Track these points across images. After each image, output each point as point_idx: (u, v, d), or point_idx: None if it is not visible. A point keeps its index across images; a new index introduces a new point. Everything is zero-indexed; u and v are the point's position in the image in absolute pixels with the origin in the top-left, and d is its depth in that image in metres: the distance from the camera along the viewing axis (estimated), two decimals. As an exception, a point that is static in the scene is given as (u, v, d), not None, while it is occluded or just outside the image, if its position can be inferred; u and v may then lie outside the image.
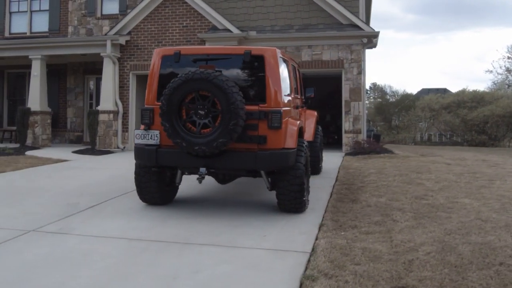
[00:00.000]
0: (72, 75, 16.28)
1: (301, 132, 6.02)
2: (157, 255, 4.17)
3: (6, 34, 17.08)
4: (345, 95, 12.90)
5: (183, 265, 3.92)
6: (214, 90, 4.87)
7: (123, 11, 15.32)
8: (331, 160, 10.86)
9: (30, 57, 14.19)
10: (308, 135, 8.22)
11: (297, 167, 5.40)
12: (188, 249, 4.36)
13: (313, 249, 4.31)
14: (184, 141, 5.03)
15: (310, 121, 8.35)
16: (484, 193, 6.62)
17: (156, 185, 5.77)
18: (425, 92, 50.86)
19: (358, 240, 4.53)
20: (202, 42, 13.37)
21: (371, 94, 55.17)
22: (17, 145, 13.73)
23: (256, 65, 5.27)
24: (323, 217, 5.45)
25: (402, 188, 7.13)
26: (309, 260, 4.01)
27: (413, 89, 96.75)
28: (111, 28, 14.21)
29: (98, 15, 15.88)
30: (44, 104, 14.37)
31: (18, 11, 17.21)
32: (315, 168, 8.52)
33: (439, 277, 3.58)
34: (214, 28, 13.31)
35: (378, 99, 50.32)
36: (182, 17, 13.53)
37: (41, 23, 16.95)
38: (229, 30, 13.04)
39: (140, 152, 5.47)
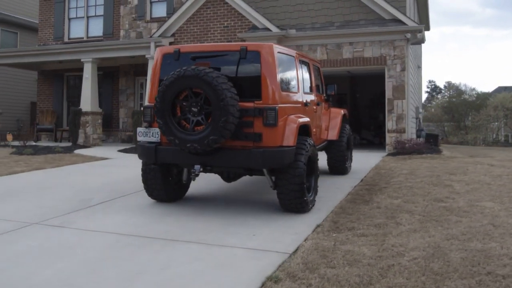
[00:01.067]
0: (124, 77, 16.95)
1: (306, 130, 5.83)
2: (137, 250, 4.21)
3: (65, 39, 18.12)
4: (388, 93, 12.39)
5: (155, 261, 3.92)
6: (204, 87, 4.84)
7: (171, 14, 15.70)
8: (367, 160, 10.49)
9: (82, 60, 14.97)
10: (332, 134, 7.98)
11: (297, 166, 5.24)
12: (171, 245, 4.36)
13: (295, 250, 4.15)
14: (177, 138, 5.04)
15: (334, 119, 8.09)
16: (514, 196, 6.07)
17: (161, 182, 5.83)
18: (501, 90, 47.78)
19: (347, 243, 4.30)
20: (243, 41, 13.39)
21: (446, 93, 52.63)
22: (70, 144, 14.51)
23: (252, 62, 5.18)
24: (325, 218, 5.24)
25: (425, 189, 6.71)
26: (284, 261, 3.87)
27: (489, 87, 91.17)
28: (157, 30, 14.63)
29: (148, 18, 16.41)
30: (95, 105, 15.08)
31: (76, 17, 18.20)
32: (341, 168, 8.24)
33: (411, 284, 3.32)
34: (254, 28, 13.31)
35: (453, 99, 47.82)
36: (223, 17, 13.65)
37: (96, 28, 17.81)
38: (268, 29, 12.98)
39: (142, 149, 5.56)
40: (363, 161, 10.53)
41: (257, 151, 5.03)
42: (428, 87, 60.80)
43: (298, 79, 5.97)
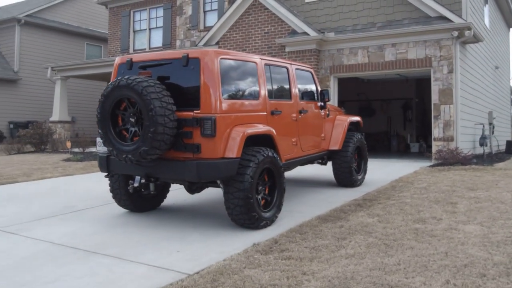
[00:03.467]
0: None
1: (268, 140, 5.44)
2: (47, 262, 4.18)
3: (130, 51, 19.10)
4: (434, 97, 11.30)
5: (51, 274, 3.85)
6: (135, 97, 4.70)
7: (221, 22, 15.85)
8: (399, 171, 9.65)
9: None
10: (335, 143, 7.42)
11: (241, 179, 4.90)
12: (86, 258, 4.27)
13: (198, 271, 3.85)
14: (115, 149, 4.96)
15: (338, 128, 7.50)
16: (514, 219, 5.13)
17: (124, 192, 5.80)
18: None
19: (259, 266, 3.90)
20: (282, 47, 13.09)
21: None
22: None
23: (192, 69, 4.94)
24: (272, 237, 4.81)
25: (419, 207, 5.95)
26: (172, 283, 3.59)
27: None
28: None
29: (201, 27, 16.72)
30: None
31: (140, 30, 19.13)
32: (347, 180, 7.63)
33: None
34: (293, 32, 12.93)
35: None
36: (264, 23, 13.45)
37: (157, 39, 18.56)
38: (306, 33, 12.53)
39: (98, 159, 5.57)
40: (393, 171, 9.70)
41: (191, 162, 4.78)
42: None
43: (260, 86, 5.59)
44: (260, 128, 5.35)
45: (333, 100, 12.76)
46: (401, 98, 17.85)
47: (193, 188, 5.62)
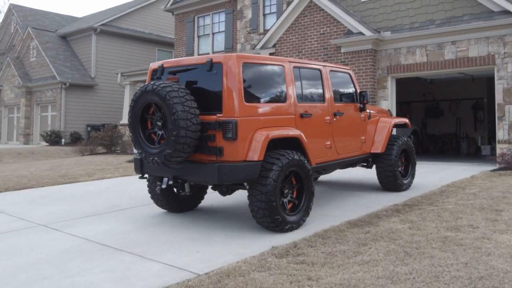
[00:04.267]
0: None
1: (297, 143, 5.43)
2: (76, 258, 4.46)
3: (195, 56, 19.70)
4: (498, 97, 10.58)
5: (72, 269, 4.12)
6: (160, 101, 4.89)
7: (280, 25, 15.92)
8: (455, 175, 9.17)
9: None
10: (377, 146, 7.21)
11: (264, 182, 4.93)
12: (111, 255, 4.52)
13: (208, 272, 3.94)
14: (143, 152, 5.18)
15: (381, 130, 7.28)
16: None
17: (161, 193, 6.03)
18: None
19: (268, 270, 3.91)
20: (338, 48, 12.90)
21: None
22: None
23: (216, 74, 5.04)
24: (294, 240, 4.79)
25: (458, 214, 5.63)
26: (179, 282, 3.71)
27: None
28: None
29: (261, 30, 16.90)
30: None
31: (203, 34, 19.69)
32: (391, 184, 7.39)
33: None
34: (349, 33, 12.69)
35: None
36: (320, 24, 13.32)
37: (220, 43, 19.01)
38: (362, 33, 12.24)
39: (134, 162, 5.85)
40: (449, 176, 9.22)
41: (212, 165, 4.89)
42: None
43: (288, 89, 5.57)
44: (286, 131, 5.34)
45: (391, 101, 12.36)
46: (471, 98, 16.86)
47: (223, 190, 5.73)
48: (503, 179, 8.43)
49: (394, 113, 12.39)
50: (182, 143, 4.83)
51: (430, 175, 9.60)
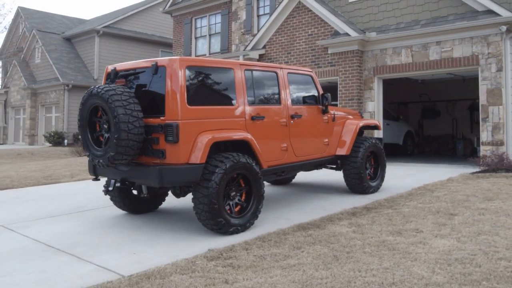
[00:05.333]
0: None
1: (246, 146, 5.44)
2: (15, 258, 4.55)
3: (192, 57, 19.80)
4: (481, 98, 10.43)
5: (6, 269, 4.20)
6: (103, 104, 4.95)
7: (273, 26, 15.92)
8: (428, 178, 9.10)
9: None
10: (341, 148, 7.18)
11: (206, 185, 4.96)
12: (48, 256, 4.58)
13: (133, 274, 3.99)
14: (91, 154, 5.26)
15: (347, 132, 7.25)
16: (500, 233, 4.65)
17: (117, 194, 6.10)
18: None
19: (193, 272, 3.94)
20: (325, 49, 12.85)
21: None
22: None
23: (160, 77, 5.09)
24: (234, 243, 4.80)
25: (412, 218, 5.60)
26: (92, 286, 3.76)
27: None
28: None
29: (255, 31, 16.91)
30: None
31: (200, 36, 19.78)
32: (356, 186, 7.36)
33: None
34: (336, 34, 12.64)
35: None
36: (308, 25, 13.29)
37: (216, 45, 19.08)
38: (348, 34, 12.19)
39: (88, 164, 5.92)
40: (425, 178, 9.16)
41: (154, 168, 4.94)
42: None
43: (238, 92, 5.58)
44: (232, 133, 5.36)
45: (378, 102, 12.28)
46: (467, 98, 16.63)
47: (176, 191, 5.77)
48: (478, 181, 8.32)
49: (380, 114, 12.31)
50: (124, 146, 4.88)
51: (408, 177, 9.52)
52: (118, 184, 5.46)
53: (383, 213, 5.96)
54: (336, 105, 12.70)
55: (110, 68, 5.80)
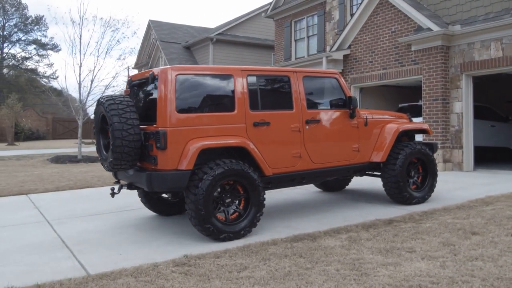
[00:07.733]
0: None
1: (244, 152, 5.43)
2: (20, 252, 5.17)
3: (292, 59, 19.89)
4: None
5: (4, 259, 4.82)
6: (105, 113, 5.35)
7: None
8: (500, 190, 7.94)
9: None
10: (376, 154, 6.71)
11: (193, 192, 5.08)
12: (52, 251, 5.12)
13: (97, 273, 4.28)
14: (101, 158, 5.71)
15: (383, 138, 6.74)
16: None
17: (143, 196, 6.53)
18: None
19: (149, 276, 4.11)
20: (408, 46, 11.98)
21: None
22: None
23: (155, 86, 5.33)
24: (213, 251, 4.83)
25: (424, 236, 5.05)
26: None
27: None
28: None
29: (347, 31, 16.40)
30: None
31: (299, 38, 19.77)
32: (396, 196, 6.84)
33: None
34: (419, 29, 11.69)
35: None
36: (391, 22, 12.52)
37: (313, 46, 18.90)
38: (430, 29, 11.20)
39: (112, 168, 6.43)
40: (502, 188, 8.02)
41: (144, 173, 5.19)
42: None
43: (237, 98, 5.56)
44: (225, 140, 5.36)
45: (466, 103, 11.06)
46: None
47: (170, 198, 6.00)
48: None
49: (470, 115, 11.07)
50: (119, 152, 5.22)
51: (483, 187, 8.48)
52: (124, 188, 5.84)
53: (398, 228, 5.45)
54: (420, 106, 11.80)
55: (129, 77, 6.23)
